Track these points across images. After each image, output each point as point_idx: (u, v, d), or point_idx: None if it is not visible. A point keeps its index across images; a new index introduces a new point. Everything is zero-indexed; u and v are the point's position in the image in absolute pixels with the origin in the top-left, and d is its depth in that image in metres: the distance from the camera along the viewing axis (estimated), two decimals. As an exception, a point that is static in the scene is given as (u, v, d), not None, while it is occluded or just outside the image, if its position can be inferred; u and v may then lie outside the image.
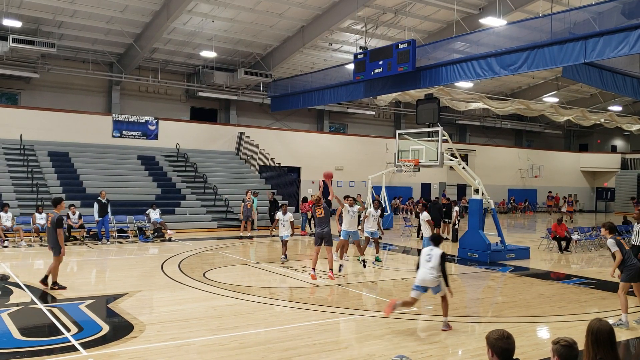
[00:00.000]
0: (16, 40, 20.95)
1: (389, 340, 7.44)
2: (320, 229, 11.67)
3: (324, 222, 11.65)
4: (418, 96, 21.16)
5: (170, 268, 12.71)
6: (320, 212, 11.71)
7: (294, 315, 8.66)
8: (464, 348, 7.38)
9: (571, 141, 46.54)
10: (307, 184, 30.41)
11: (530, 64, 14.67)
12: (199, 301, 9.60)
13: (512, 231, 24.56)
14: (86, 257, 14.87)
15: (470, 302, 10.33)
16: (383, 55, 18.11)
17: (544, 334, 8.26)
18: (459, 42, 17.92)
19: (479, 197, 15.77)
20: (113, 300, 9.36)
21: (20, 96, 25.46)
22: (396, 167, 17.65)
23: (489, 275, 13.19)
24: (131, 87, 27.60)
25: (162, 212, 19.54)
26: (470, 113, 35.01)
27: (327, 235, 11.64)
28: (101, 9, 21.39)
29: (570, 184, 41.72)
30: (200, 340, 7.27)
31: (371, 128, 35.66)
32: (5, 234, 16.15)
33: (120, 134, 25.48)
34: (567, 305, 9.87)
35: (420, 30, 24.20)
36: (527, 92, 33.41)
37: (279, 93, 25.95)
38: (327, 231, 11.61)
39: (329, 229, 11.67)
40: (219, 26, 23.47)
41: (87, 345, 6.89)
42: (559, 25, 14.22)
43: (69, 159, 22.84)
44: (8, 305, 8.94)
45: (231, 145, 28.44)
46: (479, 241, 15.23)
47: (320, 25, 23.21)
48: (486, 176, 25.28)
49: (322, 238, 11.66)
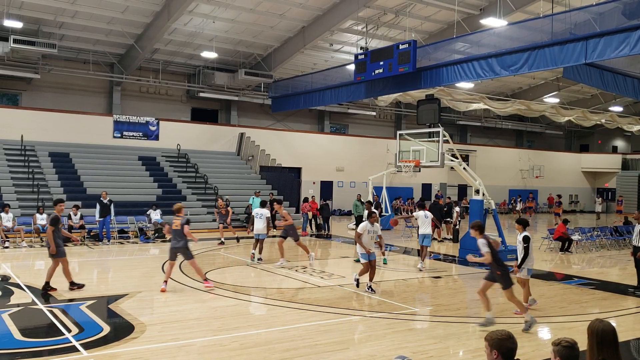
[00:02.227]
0: (17, 41, 20.97)
1: (389, 340, 7.44)
2: (176, 242, 10.42)
3: (179, 236, 10.39)
4: (419, 97, 21.15)
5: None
6: (176, 224, 10.42)
7: (295, 315, 8.65)
8: (465, 348, 7.38)
9: (572, 142, 46.52)
10: (308, 185, 30.41)
11: (531, 64, 14.67)
12: (200, 302, 9.61)
13: (513, 232, 24.51)
14: (87, 257, 14.87)
15: (471, 303, 10.32)
16: (384, 55, 18.11)
17: (544, 334, 8.25)
18: (459, 43, 17.92)
19: (479, 197, 15.76)
20: (114, 301, 9.37)
21: (21, 97, 25.48)
22: (397, 167, 17.64)
23: (490, 275, 13.16)
24: (132, 88, 27.61)
25: (163, 212, 19.54)
26: (471, 113, 35.00)
27: (182, 249, 10.44)
28: (102, 9, 21.40)
29: (571, 185, 41.70)
30: (201, 341, 7.27)
31: (372, 129, 35.66)
32: (6, 235, 16.16)
33: (121, 134, 25.49)
34: (568, 306, 9.86)
35: (421, 31, 24.20)
36: (528, 93, 33.40)
37: (280, 94, 25.96)
38: (182, 245, 10.40)
39: (185, 242, 10.43)
40: (220, 27, 23.48)
41: (88, 346, 6.90)
42: (560, 26, 14.21)
43: (70, 160, 22.85)
44: (9, 305, 8.94)
45: (232, 146, 28.45)
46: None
47: (321, 25, 23.22)
48: (487, 177, 25.24)
49: (176, 253, 10.51)
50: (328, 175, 31.60)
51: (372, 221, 10.71)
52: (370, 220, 10.71)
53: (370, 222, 10.64)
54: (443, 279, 12.67)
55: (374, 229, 10.70)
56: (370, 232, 10.64)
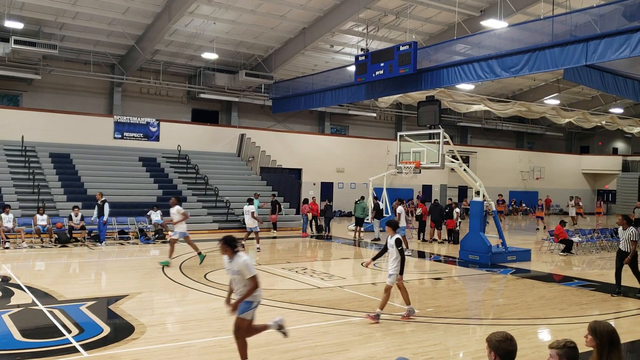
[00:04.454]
0: (18, 42, 20.98)
1: (390, 342, 7.44)
2: None
3: None
4: (419, 98, 21.16)
5: (171, 270, 12.71)
6: None
7: (295, 317, 8.65)
8: (465, 350, 7.37)
9: (572, 143, 46.52)
10: (308, 186, 30.41)
11: (532, 66, 14.67)
12: (200, 303, 9.61)
13: (513, 233, 24.53)
14: (87, 258, 14.87)
15: (472, 304, 10.33)
16: (384, 57, 18.11)
17: (544, 336, 8.25)
18: (460, 44, 17.92)
19: (480, 199, 15.76)
20: (114, 302, 9.36)
21: (22, 98, 25.49)
22: (397, 169, 17.65)
23: (490, 277, 13.18)
24: (133, 89, 27.63)
25: (163, 213, 19.53)
26: (472, 115, 35.01)
27: None
28: (103, 10, 21.43)
29: (571, 186, 41.67)
30: (201, 342, 7.28)
31: (372, 130, 35.66)
32: (6, 235, 16.16)
33: (121, 135, 25.51)
34: (568, 308, 9.86)
35: (421, 33, 24.22)
36: (529, 94, 33.40)
37: (281, 95, 25.97)
38: None
39: None
40: (221, 28, 23.50)
41: (88, 347, 6.90)
42: (560, 28, 14.22)
43: (71, 161, 22.86)
44: (9, 306, 8.94)
45: (232, 147, 28.46)
46: (480, 243, 15.21)
47: (321, 27, 23.23)
48: (487, 178, 25.26)
49: None
50: (328, 177, 31.61)
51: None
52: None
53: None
54: (443, 281, 12.67)
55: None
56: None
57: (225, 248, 6.15)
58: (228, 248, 6.14)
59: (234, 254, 6.12)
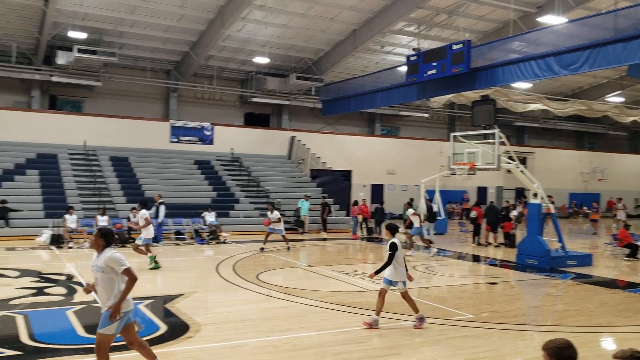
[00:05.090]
0: (81, 51, 21.97)
1: (443, 347, 7.28)
2: None
3: None
4: (473, 98, 20.71)
5: (225, 270, 12.95)
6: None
7: (346, 319, 8.60)
8: (522, 357, 7.12)
9: (637, 143, 44.25)
10: (358, 188, 30.28)
11: (592, 63, 14.08)
12: (252, 303, 9.73)
13: (573, 237, 23.56)
14: (144, 258, 15.33)
15: (529, 310, 9.98)
16: (437, 56, 17.83)
17: (608, 345, 7.86)
18: (516, 42, 17.41)
19: (537, 201, 15.21)
20: (170, 301, 9.61)
21: (84, 104, 26.69)
22: (450, 170, 17.30)
23: (549, 282, 12.69)
24: (187, 94, 28.40)
25: (217, 214, 19.95)
26: (529, 114, 33.89)
27: None
28: (159, 18, 22.15)
29: (636, 188, 39.67)
30: (254, 342, 7.35)
31: (424, 131, 35.16)
32: (70, 236, 16.92)
33: (177, 139, 26.26)
34: (634, 316, 9.34)
35: (475, 31, 23.70)
36: (589, 92, 32.07)
37: (331, 97, 26.02)
38: None
39: None
40: (272, 32, 23.80)
41: (146, 344, 7.08)
42: (624, 22, 13.56)
43: (129, 164, 23.73)
44: (73, 303, 9.34)
45: (283, 149, 28.75)
46: (538, 247, 14.68)
47: (372, 28, 23.12)
48: (546, 180, 24.34)
49: None
50: (379, 179, 31.38)
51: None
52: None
53: None
54: (499, 285, 12.31)
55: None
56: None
57: (99, 241, 5.39)
58: (102, 241, 5.39)
59: (104, 248, 5.39)
